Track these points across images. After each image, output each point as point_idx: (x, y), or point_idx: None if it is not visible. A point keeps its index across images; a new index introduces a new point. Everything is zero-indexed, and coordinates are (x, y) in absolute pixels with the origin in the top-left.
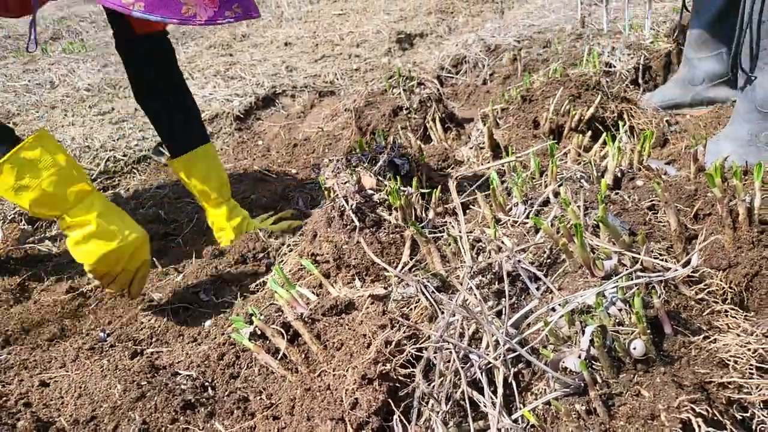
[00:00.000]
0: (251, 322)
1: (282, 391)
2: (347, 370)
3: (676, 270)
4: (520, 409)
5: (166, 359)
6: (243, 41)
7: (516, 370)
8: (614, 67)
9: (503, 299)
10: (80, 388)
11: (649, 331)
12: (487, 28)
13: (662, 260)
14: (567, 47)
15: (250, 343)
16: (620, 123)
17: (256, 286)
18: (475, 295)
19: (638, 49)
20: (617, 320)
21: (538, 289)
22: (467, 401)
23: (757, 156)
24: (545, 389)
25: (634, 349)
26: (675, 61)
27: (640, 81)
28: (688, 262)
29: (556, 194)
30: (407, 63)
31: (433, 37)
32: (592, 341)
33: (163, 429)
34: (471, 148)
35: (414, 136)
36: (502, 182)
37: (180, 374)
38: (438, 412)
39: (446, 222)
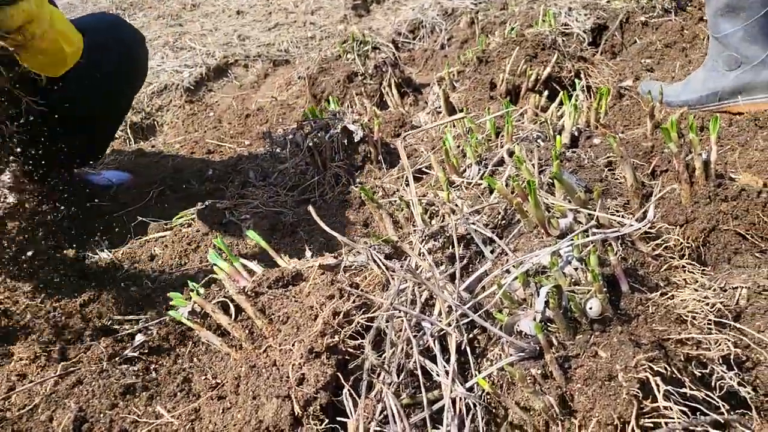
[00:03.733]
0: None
1: (227, 369)
2: (293, 345)
3: (632, 225)
4: (476, 376)
5: (107, 341)
6: (193, 11)
7: (471, 336)
8: (571, 27)
9: (462, 263)
10: (13, 376)
11: (605, 289)
12: None
13: (619, 216)
14: (524, 8)
15: (189, 321)
16: (576, 81)
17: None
18: (426, 260)
19: (595, 9)
20: (573, 280)
21: (492, 252)
22: (420, 371)
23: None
24: (501, 354)
25: (590, 308)
26: (633, 20)
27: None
28: (644, 217)
29: (511, 153)
30: (364, 29)
31: (390, 3)
32: (547, 302)
33: (101, 416)
34: (428, 113)
35: (369, 102)
36: (458, 146)
37: (121, 356)
38: (389, 384)
39: (397, 187)
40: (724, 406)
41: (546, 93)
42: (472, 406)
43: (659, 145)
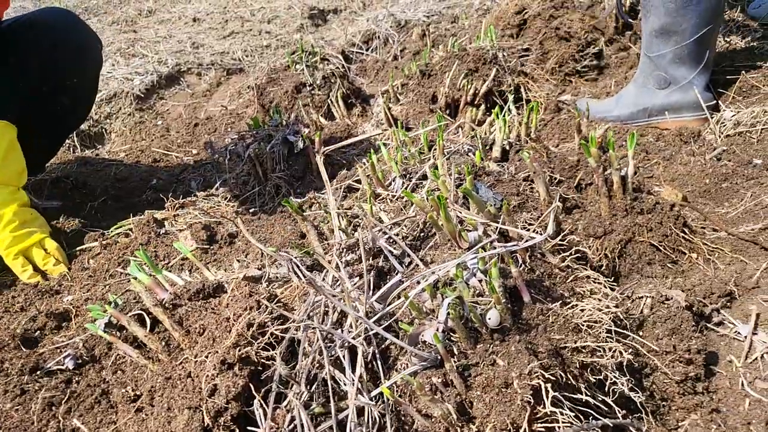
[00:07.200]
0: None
1: (146, 381)
2: (207, 356)
3: (532, 238)
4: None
5: (31, 354)
6: (149, 17)
7: (384, 346)
8: (511, 40)
9: (371, 275)
10: None
11: (506, 300)
12: (400, 3)
13: (531, 229)
14: (474, 22)
15: (105, 333)
16: (509, 96)
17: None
18: (341, 272)
19: None
20: (478, 291)
21: (410, 264)
22: (330, 380)
23: (615, 102)
24: (408, 364)
25: (489, 319)
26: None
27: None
28: (554, 232)
29: (436, 168)
30: (319, 39)
31: (347, 13)
32: (449, 313)
33: (17, 428)
34: (373, 125)
35: (317, 113)
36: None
37: (42, 369)
38: (298, 394)
39: (337, 198)
40: (619, 411)
41: (484, 107)
42: (379, 415)
43: (585, 160)
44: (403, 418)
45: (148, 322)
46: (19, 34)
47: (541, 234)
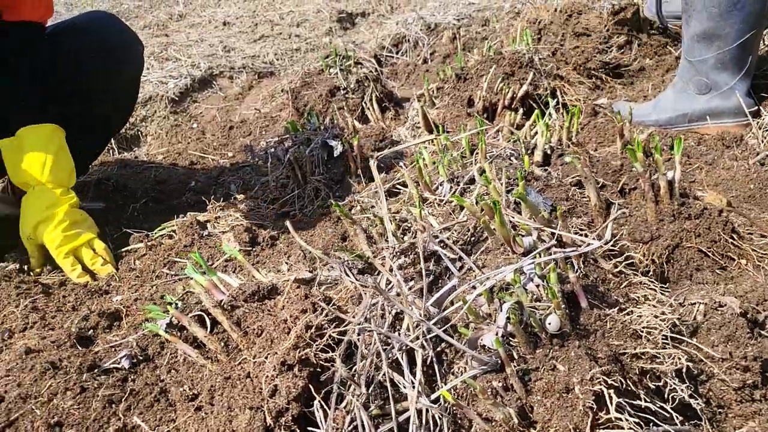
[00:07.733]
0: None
1: (204, 381)
2: (267, 357)
3: (590, 244)
4: (443, 388)
5: (87, 353)
6: (180, 21)
7: (439, 349)
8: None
9: (428, 279)
10: None
11: (564, 305)
12: (429, 6)
13: (582, 235)
14: (505, 25)
15: (166, 334)
16: (550, 100)
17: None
18: (396, 276)
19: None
20: (535, 296)
21: (461, 268)
22: (389, 383)
23: (653, 106)
24: (466, 367)
25: (549, 324)
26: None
27: None
28: (603, 236)
29: (483, 172)
30: (348, 43)
31: (375, 17)
32: (508, 318)
33: (79, 426)
34: (408, 128)
35: (351, 116)
36: (434, 162)
37: (100, 367)
38: (358, 396)
39: (374, 202)
40: (677, 417)
41: (522, 111)
42: (438, 417)
43: (628, 164)
44: (459, 421)
45: (208, 322)
46: (57, 37)
47: (595, 239)
